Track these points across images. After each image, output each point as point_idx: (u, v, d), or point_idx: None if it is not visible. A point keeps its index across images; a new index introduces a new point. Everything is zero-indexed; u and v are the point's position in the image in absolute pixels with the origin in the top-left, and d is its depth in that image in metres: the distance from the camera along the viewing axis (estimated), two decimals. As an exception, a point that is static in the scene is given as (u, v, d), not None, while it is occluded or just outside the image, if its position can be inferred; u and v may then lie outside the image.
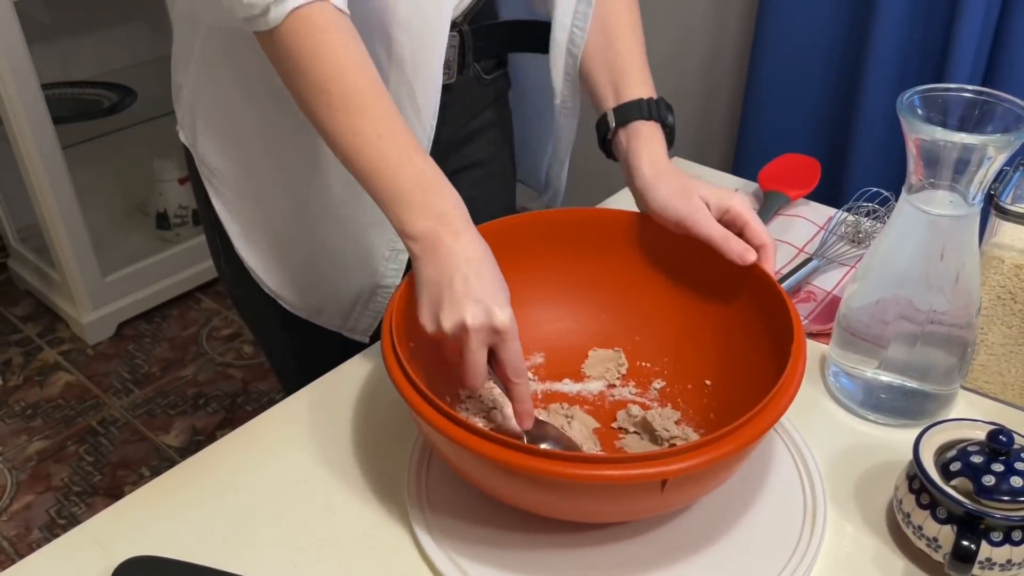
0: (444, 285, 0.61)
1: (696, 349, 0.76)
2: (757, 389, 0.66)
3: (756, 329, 0.70)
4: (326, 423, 0.75)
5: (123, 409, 1.92)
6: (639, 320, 0.78)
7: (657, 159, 0.75)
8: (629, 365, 0.78)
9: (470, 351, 0.61)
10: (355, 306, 0.88)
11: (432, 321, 0.62)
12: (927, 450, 0.63)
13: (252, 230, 0.86)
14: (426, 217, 0.63)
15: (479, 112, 0.91)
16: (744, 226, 0.71)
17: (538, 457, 0.55)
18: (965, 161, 0.64)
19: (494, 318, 0.61)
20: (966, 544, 0.58)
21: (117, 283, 2.09)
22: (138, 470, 1.77)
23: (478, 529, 0.65)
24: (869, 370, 0.74)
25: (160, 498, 0.68)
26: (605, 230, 0.78)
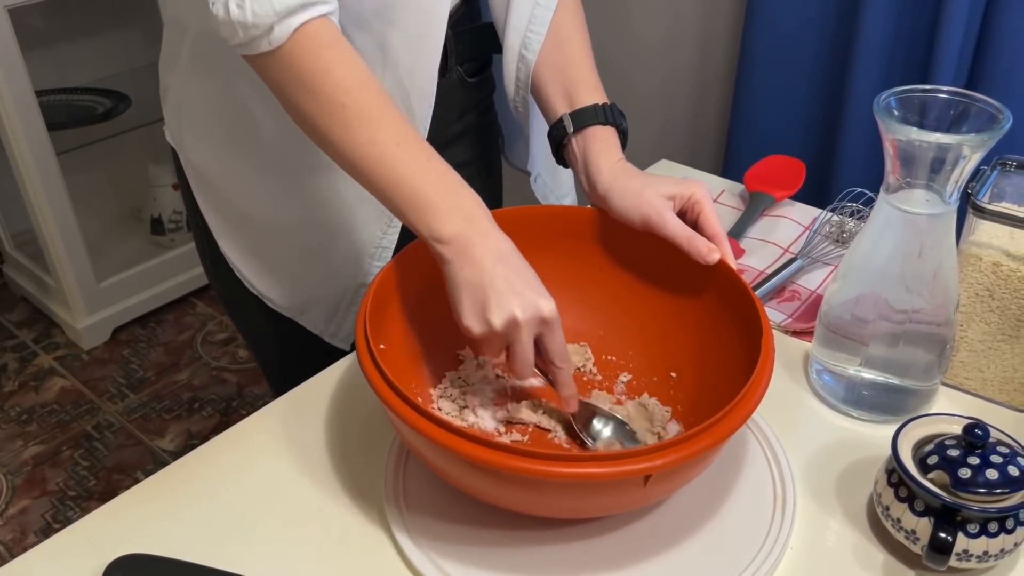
0: (487, 285, 0.62)
1: (662, 342, 0.77)
2: (724, 379, 0.68)
3: (722, 321, 0.71)
4: (314, 424, 0.76)
5: (118, 414, 1.93)
6: (604, 314, 0.79)
7: (614, 162, 0.76)
8: (595, 359, 0.79)
9: (520, 344, 0.63)
10: (339, 306, 0.89)
11: (480, 322, 0.62)
12: (905, 445, 0.64)
13: (237, 229, 0.87)
14: (455, 219, 0.64)
15: (463, 114, 0.92)
16: (699, 215, 0.73)
17: (523, 456, 0.55)
18: (941, 160, 0.66)
19: (542, 309, 0.62)
20: (943, 536, 0.59)
21: (112, 288, 2.10)
22: (133, 474, 1.77)
23: (455, 527, 0.65)
24: (851, 367, 0.75)
25: (151, 498, 0.69)
26: (567, 227, 0.78)
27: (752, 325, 0.66)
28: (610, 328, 0.79)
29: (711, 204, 0.73)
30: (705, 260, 0.70)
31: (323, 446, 0.73)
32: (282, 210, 0.83)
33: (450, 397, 0.74)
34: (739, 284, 0.70)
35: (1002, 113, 0.65)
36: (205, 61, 0.78)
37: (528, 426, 0.73)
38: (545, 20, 0.80)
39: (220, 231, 0.88)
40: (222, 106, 0.79)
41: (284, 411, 0.77)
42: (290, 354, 0.94)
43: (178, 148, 0.87)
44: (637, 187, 0.73)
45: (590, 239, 0.78)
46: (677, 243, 0.71)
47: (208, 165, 0.84)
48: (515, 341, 0.63)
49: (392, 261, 0.71)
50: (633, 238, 0.75)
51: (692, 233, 0.71)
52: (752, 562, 0.63)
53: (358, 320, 0.65)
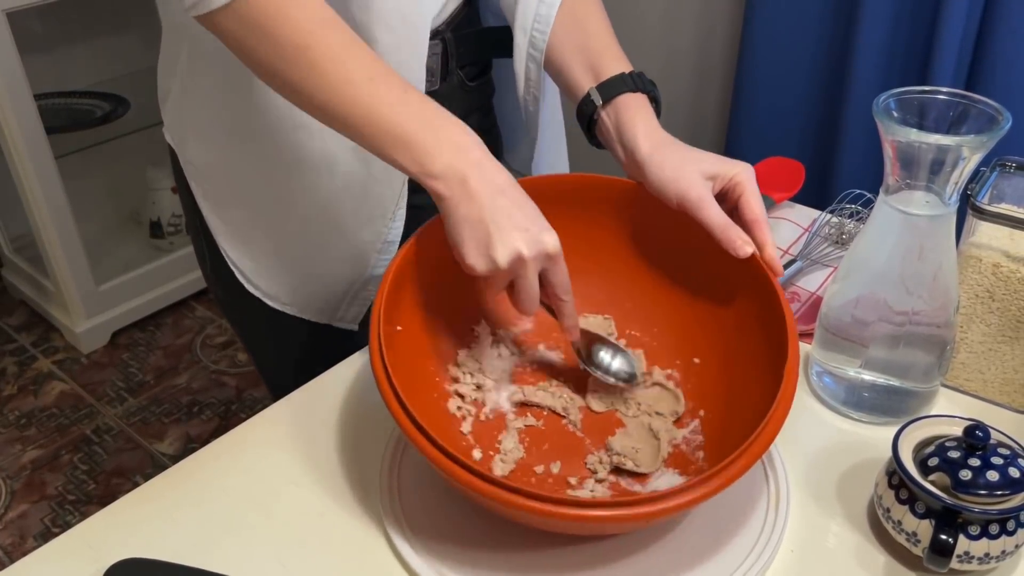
0: (488, 220, 0.60)
1: (688, 325, 0.75)
2: (744, 380, 0.67)
3: (749, 318, 0.70)
4: (313, 427, 0.75)
5: (117, 417, 1.92)
6: (632, 288, 0.77)
7: (651, 130, 0.72)
8: (618, 334, 0.78)
9: (526, 280, 0.62)
10: (344, 298, 0.89)
11: (483, 259, 0.61)
12: (906, 446, 0.64)
13: (239, 230, 0.87)
14: (445, 151, 0.61)
15: (464, 118, 0.91)
16: (740, 197, 0.69)
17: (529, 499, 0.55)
18: (940, 162, 0.66)
19: (546, 244, 0.61)
20: (944, 538, 0.59)
21: (111, 292, 2.10)
22: (132, 478, 1.77)
23: (451, 529, 0.65)
24: (851, 369, 0.75)
25: (150, 502, 0.69)
26: (601, 196, 0.75)
27: (776, 330, 0.65)
28: (637, 302, 0.78)
29: (754, 187, 0.69)
30: (737, 253, 0.67)
31: (322, 449, 0.73)
32: (285, 208, 0.83)
33: (467, 372, 0.73)
34: (771, 289, 0.67)
35: (1001, 114, 0.65)
36: (205, 63, 0.78)
37: (543, 409, 0.73)
38: (550, 18, 0.78)
39: (221, 231, 0.88)
40: (223, 108, 0.79)
41: (283, 414, 0.77)
42: (290, 358, 0.94)
43: (178, 149, 0.87)
44: (676, 162, 0.70)
45: (625, 211, 0.76)
46: (711, 231, 0.68)
47: (209, 166, 0.84)
48: (521, 277, 0.61)
49: (406, 246, 0.68)
50: (668, 215, 0.71)
51: (727, 222, 0.68)
52: (743, 563, 0.63)
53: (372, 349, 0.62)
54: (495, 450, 0.70)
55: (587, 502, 0.57)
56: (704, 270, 0.73)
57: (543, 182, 0.77)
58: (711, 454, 0.68)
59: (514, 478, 0.68)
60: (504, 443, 0.70)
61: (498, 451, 0.70)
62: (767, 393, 0.62)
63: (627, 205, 0.76)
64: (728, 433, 0.67)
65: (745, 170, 0.70)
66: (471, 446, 0.70)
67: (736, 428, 0.65)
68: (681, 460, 0.70)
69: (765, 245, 0.68)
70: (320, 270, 0.87)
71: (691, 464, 0.69)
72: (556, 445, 0.71)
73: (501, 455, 0.70)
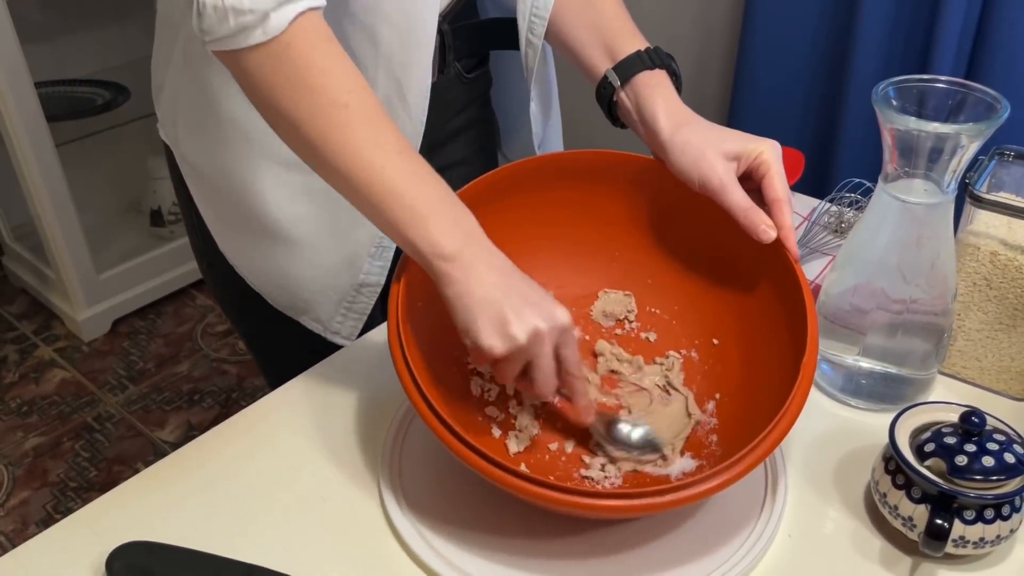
0: (502, 301, 0.59)
1: (709, 305, 0.75)
2: (762, 367, 0.68)
3: (770, 303, 0.70)
4: (319, 411, 0.76)
5: (118, 405, 1.93)
6: (654, 265, 0.77)
7: (673, 108, 0.71)
8: (638, 310, 0.78)
9: (544, 356, 0.60)
10: (339, 306, 0.88)
11: (502, 338, 0.59)
12: (902, 432, 0.64)
13: (235, 227, 0.86)
14: (457, 235, 0.60)
15: (460, 111, 0.91)
16: (763, 176, 0.68)
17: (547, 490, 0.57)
18: (939, 150, 0.66)
19: (560, 319, 0.60)
20: (939, 523, 0.60)
21: (112, 280, 2.10)
22: (134, 465, 1.78)
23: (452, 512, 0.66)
24: (849, 357, 0.76)
25: (154, 487, 0.70)
26: (622, 173, 0.75)
27: (796, 325, 0.65)
28: (658, 280, 0.77)
29: (779, 166, 0.68)
30: (759, 238, 0.66)
31: (324, 434, 0.74)
32: (280, 207, 0.82)
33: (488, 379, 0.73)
34: (793, 276, 0.67)
35: (1000, 102, 0.65)
36: (200, 58, 0.77)
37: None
38: (548, 4, 0.78)
39: (217, 229, 0.87)
40: (219, 104, 0.78)
41: (285, 400, 0.78)
42: (291, 352, 0.94)
43: (173, 145, 0.86)
44: (698, 143, 0.68)
45: (646, 188, 0.75)
46: (734, 215, 0.67)
47: (205, 162, 0.83)
48: (538, 355, 0.60)
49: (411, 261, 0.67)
50: (690, 193, 0.71)
51: (749, 205, 0.67)
52: (741, 547, 0.63)
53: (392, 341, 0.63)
54: (513, 427, 0.71)
55: (595, 492, 0.58)
56: (727, 251, 0.73)
57: (559, 159, 0.76)
58: (724, 439, 0.69)
59: (528, 455, 0.69)
60: (519, 420, 0.71)
61: (514, 428, 0.71)
62: (783, 383, 0.63)
63: (648, 182, 0.75)
64: (742, 420, 0.68)
65: (770, 148, 0.68)
66: (489, 424, 0.70)
67: (751, 416, 0.65)
68: (695, 443, 0.70)
69: (783, 227, 0.67)
70: (314, 273, 0.86)
71: (704, 448, 0.70)
72: (571, 423, 0.71)
73: (516, 432, 0.70)
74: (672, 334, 0.77)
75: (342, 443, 0.73)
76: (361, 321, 0.90)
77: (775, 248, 0.68)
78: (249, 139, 0.79)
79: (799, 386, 0.61)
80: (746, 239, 0.68)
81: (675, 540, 0.64)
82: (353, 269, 0.86)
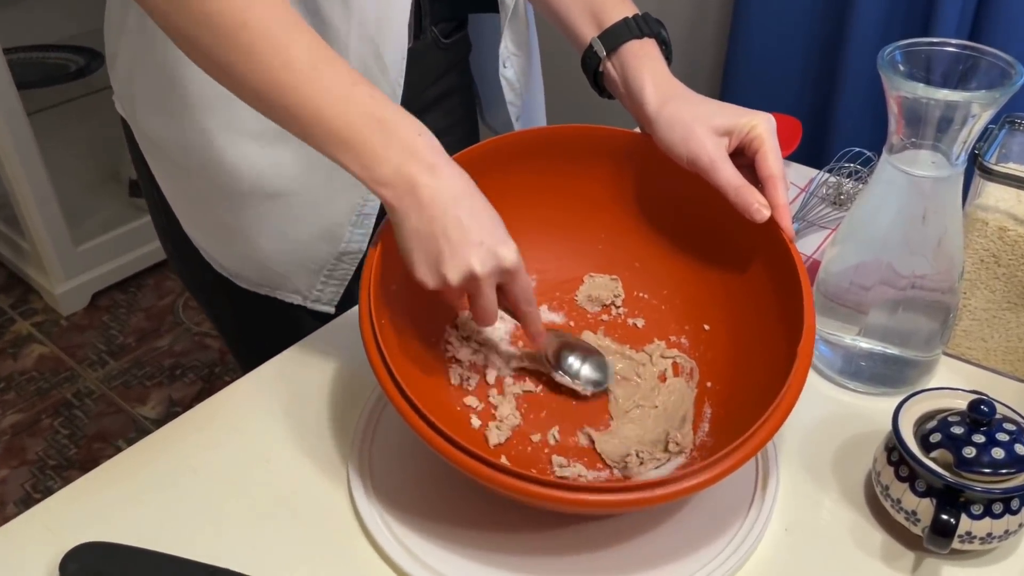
0: (438, 235, 0.55)
1: (699, 289, 0.72)
2: (754, 354, 0.64)
3: (763, 286, 0.66)
4: (291, 397, 0.72)
5: (98, 381, 1.89)
6: (642, 247, 0.74)
7: (661, 81, 0.67)
8: (626, 295, 0.75)
9: (482, 296, 0.58)
10: (318, 276, 0.84)
11: (433, 276, 0.57)
12: (906, 420, 0.61)
13: (200, 206, 0.82)
14: (394, 155, 0.55)
15: (439, 78, 0.87)
16: (756, 152, 0.64)
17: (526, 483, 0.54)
18: (948, 119, 0.62)
19: (502, 259, 0.57)
20: (945, 518, 0.56)
21: (90, 252, 2.05)
22: (115, 442, 1.74)
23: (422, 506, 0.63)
24: (849, 336, 0.72)
25: (112, 482, 0.66)
26: (605, 149, 0.71)
27: (792, 302, 0.61)
28: (645, 263, 0.74)
29: (773, 141, 0.64)
30: (752, 217, 0.62)
31: (296, 422, 0.70)
32: (250, 181, 0.77)
33: (465, 336, 0.70)
34: (788, 257, 0.63)
35: (1015, 68, 0.61)
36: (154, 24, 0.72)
37: (544, 374, 0.70)
38: None
39: (182, 209, 0.83)
40: (177, 72, 0.73)
41: (256, 386, 0.74)
42: (263, 336, 0.90)
43: (130, 120, 0.81)
44: (687, 118, 0.65)
45: (631, 166, 0.71)
46: (725, 194, 0.63)
47: (166, 138, 0.78)
48: (476, 294, 0.58)
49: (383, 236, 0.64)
50: (678, 171, 0.67)
51: (741, 184, 0.63)
52: (731, 542, 0.60)
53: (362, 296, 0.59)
54: (493, 417, 0.67)
55: (577, 486, 0.54)
56: (718, 231, 0.69)
57: (540, 135, 0.72)
58: (715, 429, 0.65)
59: (509, 446, 0.66)
60: (500, 409, 0.67)
61: (495, 418, 0.67)
62: (778, 371, 0.59)
63: (633, 159, 0.71)
64: (734, 410, 0.64)
65: (764, 122, 0.64)
66: (468, 414, 0.67)
67: (742, 405, 0.62)
68: None
69: (777, 206, 0.63)
70: (289, 248, 0.82)
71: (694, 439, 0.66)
72: (554, 412, 0.68)
73: (497, 422, 0.67)
74: (661, 320, 0.73)
75: (315, 431, 0.69)
76: (342, 286, 0.86)
77: (769, 227, 0.64)
78: (213, 111, 0.74)
79: (794, 374, 0.58)
80: (738, 218, 0.64)
81: (661, 535, 0.61)
82: (333, 239, 0.82)
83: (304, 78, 0.55)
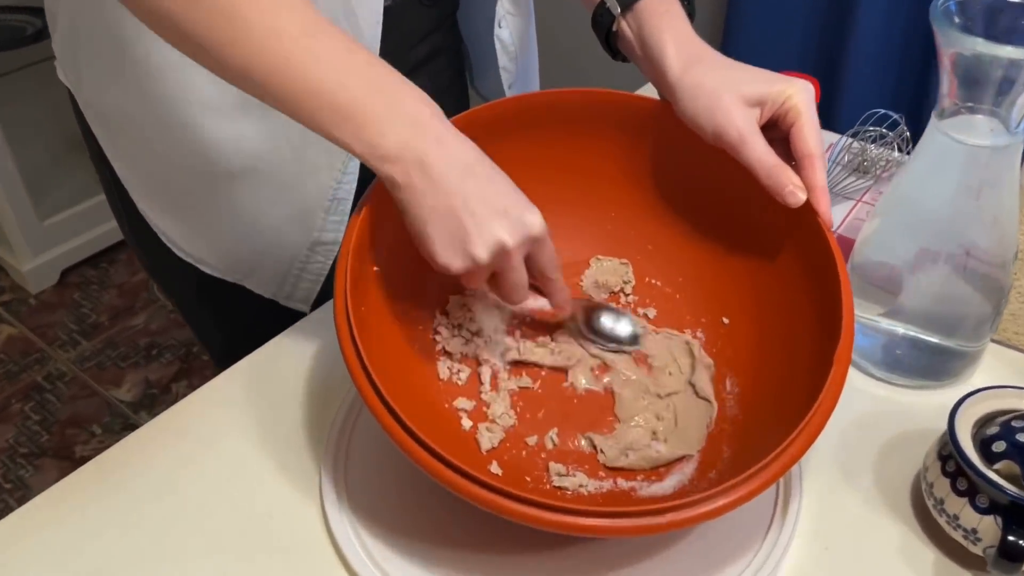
0: (459, 209, 0.50)
1: (718, 277, 0.64)
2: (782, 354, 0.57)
3: (794, 278, 0.59)
4: (264, 403, 0.64)
5: (70, 362, 1.81)
6: (656, 227, 0.67)
7: (683, 40, 0.60)
8: (636, 282, 0.68)
9: (512, 270, 0.52)
10: (291, 267, 0.76)
11: (460, 257, 0.51)
12: (963, 425, 0.54)
13: (158, 186, 0.73)
14: (399, 127, 0.49)
15: (422, 39, 0.77)
16: (792, 125, 0.56)
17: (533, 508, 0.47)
18: (1010, 81, 0.54)
19: (530, 227, 0.51)
20: (1013, 539, 0.49)
21: (57, 227, 1.95)
22: (89, 428, 1.66)
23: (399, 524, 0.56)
24: (886, 322, 0.65)
25: (66, 510, 0.58)
26: (616, 118, 0.64)
27: (827, 305, 0.54)
28: (659, 246, 0.67)
29: (811, 112, 0.56)
30: (786, 201, 0.55)
31: (270, 433, 0.62)
32: (213, 159, 0.69)
33: (455, 325, 0.63)
34: (823, 246, 0.55)
35: (1090, 20, 0.53)
36: None
37: (541, 368, 0.63)
38: None
39: (138, 190, 0.74)
40: (129, 33, 0.64)
41: (224, 391, 0.66)
42: (235, 330, 0.82)
43: (75, 89, 0.72)
44: (713, 86, 0.57)
45: (646, 137, 0.64)
46: (755, 174, 0.56)
47: (117, 109, 0.69)
48: (505, 269, 0.52)
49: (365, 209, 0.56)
50: (700, 143, 0.60)
51: (774, 163, 0.56)
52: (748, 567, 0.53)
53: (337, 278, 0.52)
54: (485, 417, 0.60)
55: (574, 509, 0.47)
56: (743, 214, 0.62)
57: (541, 100, 0.64)
58: (734, 439, 0.58)
59: (502, 450, 0.59)
60: (493, 408, 0.61)
61: (487, 418, 0.60)
62: (807, 375, 0.52)
63: (650, 129, 0.64)
64: (756, 418, 0.57)
65: (801, 91, 0.56)
66: (457, 414, 0.60)
67: (765, 412, 0.55)
68: None
69: (814, 188, 0.56)
70: (256, 234, 0.73)
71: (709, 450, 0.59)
72: (553, 412, 0.61)
73: (489, 424, 0.60)
74: (675, 310, 0.66)
75: (287, 444, 0.61)
76: (318, 283, 0.78)
77: (803, 212, 0.56)
78: (164, 78, 0.64)
79: (829, 385, 0.50)
80: (768, 200, 0.57)
81: (669, 560, 0.54)
82: (304, 227, 0.74)
83: (296, 47, 0.49)
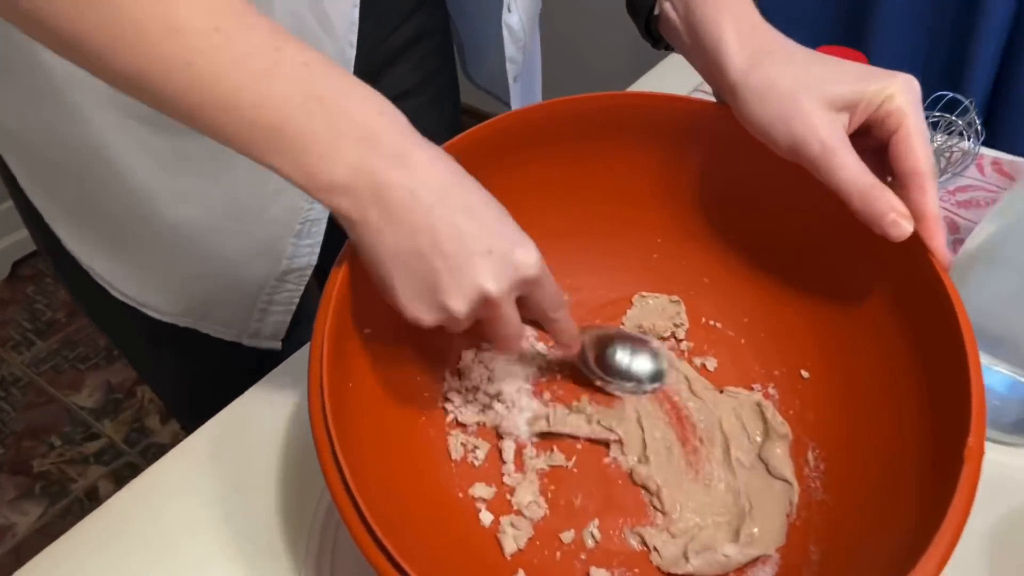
0: (427, 251, 0.39)
1: (793, 320, 0.53)
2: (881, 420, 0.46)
3: (896, 327, 0.47)
4: (229, 500, 0.52)
5: (24, 366, 1.71)
6: (710, 260, 0.56)
7: (747, 28, 0.48)
8: (690, 324, 0.57)
9: (500, 320, 0.42)
10: (256, 302, 0.64)
11: (430, 309, 0.41)
12: None
13: (83, 215, 0.60)
14: (344, 148, 0.38)
15: (404, 20, 0.65)
16: (894, 133, 0.44)
17: None
18: None
19: (521, 267, 0.41)
20: None
21: (6, 215, 1.81)
22: (47, 439, 1.57)
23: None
24: (1014, 375, 0.53)
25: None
26: (666, 126, 0.53)
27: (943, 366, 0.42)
28: (717, 280, 0.57)
29: (918, 117, 0.44)
30: (886, 232, 0.44)
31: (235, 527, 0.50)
32: (145, 180, 0.56)
33: (470, 388, 0.53)
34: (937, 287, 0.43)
35: None
36: None
37: (577, 440, 0.53)
38: None
39: (57, 218, 0.61)
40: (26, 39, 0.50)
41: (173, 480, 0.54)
42: (195, 381, 0.69)
43: None
44: (789, 85, 0.46)
45: (708, 149, 0.54)
46: (846, 198, 0.44)
47: (26, 126, 0.56)
48: (492, 319, 0.42)
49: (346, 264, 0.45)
50: (769, 158, 0.49)
51: (871, 184, 0.44)
52: None
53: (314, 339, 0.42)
54: (509, 507, 0.50)
55: None
56: (825, 245, 0.51)
57: (567, 108, 0.52)
58: (823, 538, 0.46)
59: (531, 552, 0.48)
60: (518, 495, 0.50)
61: (511, 508, 0.50)
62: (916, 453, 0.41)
63: (703, 139, 0.53)
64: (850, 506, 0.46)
65: (905, 90, 0.44)
66: (475, 506, 0.50)
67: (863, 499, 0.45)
68: None
69: (924, 216, 0.43)
70: (212, 269, 0.61)
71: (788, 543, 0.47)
72: (592, 497, 0.51)
73: (513, 517, 0.49)
74: (740, 359, 0.55)
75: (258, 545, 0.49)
76: (289, 313, 0.67)
77: (908, 246, 0.44)
78: (82, 82, 0.51)
79: (961, 489, 0.37)
80: (859, 230, 0.45)
81: None
82: (271, 258, 0.62)
83: (204, 46, 0.37)
